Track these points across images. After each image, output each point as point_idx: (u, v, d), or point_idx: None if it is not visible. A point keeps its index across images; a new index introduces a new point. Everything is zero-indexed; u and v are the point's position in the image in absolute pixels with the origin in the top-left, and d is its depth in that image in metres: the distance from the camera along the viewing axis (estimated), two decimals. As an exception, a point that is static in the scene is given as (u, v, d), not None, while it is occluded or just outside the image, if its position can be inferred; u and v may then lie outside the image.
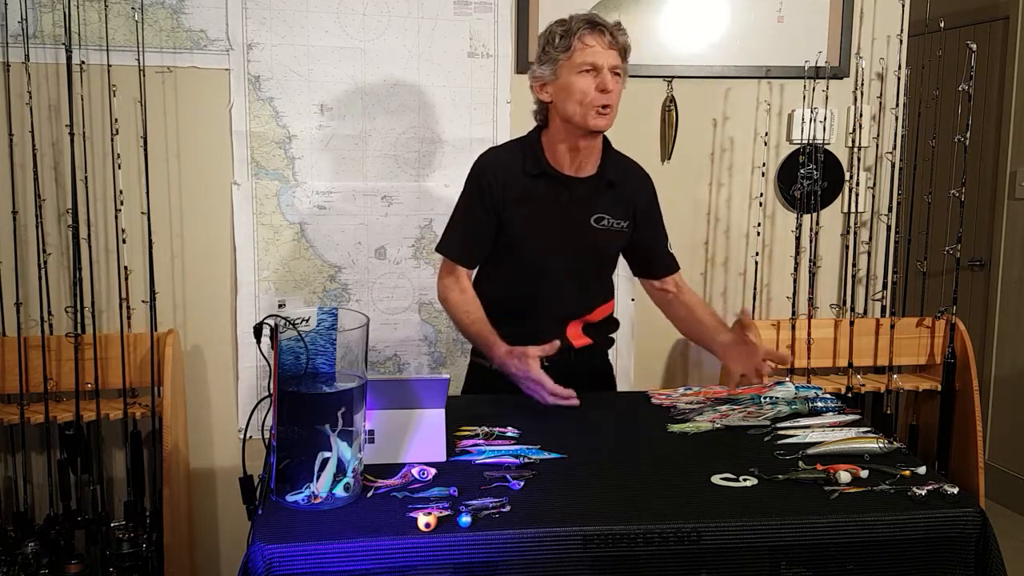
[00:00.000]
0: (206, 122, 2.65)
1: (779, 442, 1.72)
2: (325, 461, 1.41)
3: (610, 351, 2.31)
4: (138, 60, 2.50)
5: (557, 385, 1.91)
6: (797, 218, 2.88)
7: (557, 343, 1.97)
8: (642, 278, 2.28)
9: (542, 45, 2.03)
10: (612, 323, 2.26)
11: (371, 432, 1.57)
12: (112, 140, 2.52)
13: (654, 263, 2.23)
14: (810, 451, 1.66)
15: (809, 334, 2.83)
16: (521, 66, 2.75)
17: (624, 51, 2.00)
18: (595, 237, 2.10)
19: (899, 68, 2.92)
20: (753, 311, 2.92)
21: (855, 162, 2.97)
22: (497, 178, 2.05)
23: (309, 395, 1.43)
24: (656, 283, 2.25)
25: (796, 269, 2.87)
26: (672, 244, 2.26)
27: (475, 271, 2.16)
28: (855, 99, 2.92)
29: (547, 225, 2.07)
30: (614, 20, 2.03)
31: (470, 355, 2.27)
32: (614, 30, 1.98)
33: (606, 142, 2.12)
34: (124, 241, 2.53)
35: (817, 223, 2.90)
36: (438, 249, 2.15)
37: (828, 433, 1.74)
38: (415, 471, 1.53)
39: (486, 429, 1.75)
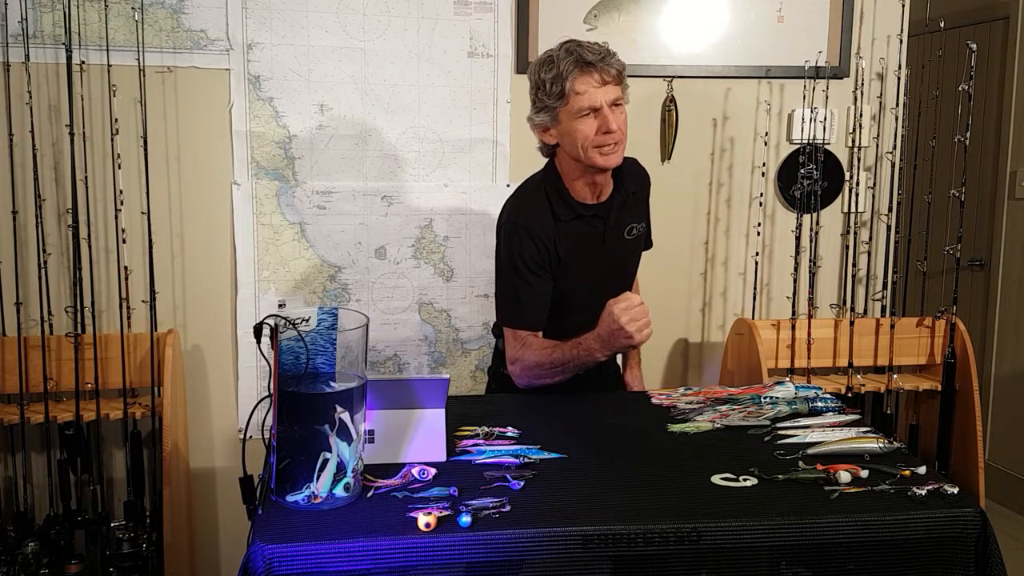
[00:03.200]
0: (206, 122, 2.65)
1: (779, 442, 1.73)
2: (325, 461, 1.41)
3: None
4: (138, 60, 2.50)
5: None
6: (797, 218, 2.88)
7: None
8: None
9: (533, 91, 1.98)
10: None
11: (371, 432, 1.57)
12: (112, 140, 2.52)
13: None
14: (810, 451, 1.66)
15: (809, 334, 2.83)
16: (521, 66, 2.75)
17: (619, 77, 1.93)
18: (630, 248, 2.12)
19: (899, 68, 2.92)
20: (753, 311, 2.92)
21: (855, 162, 2.97)
22: (546, 240, 2.00)
23: (309, 395, 1.43)
24: None
25: (796, 269, 2.87)
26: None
27: None
28: (855, 99, 2.92)
29: (593, 261, 2.05)
30: (601, 41, 1.95)
31: (496, 365, 2.23)
32: (603, 64, 1.90)
33: None
34: (124, 241, 2.53)
35: (817, 223, 2.90)
36: (509, 324, 2.06)
37: (828, 433, 1.74)
38: (415, 471, 1.53)
39: (486, 429, 1.75)
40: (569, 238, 2.03)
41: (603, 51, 1.92)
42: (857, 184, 2.96)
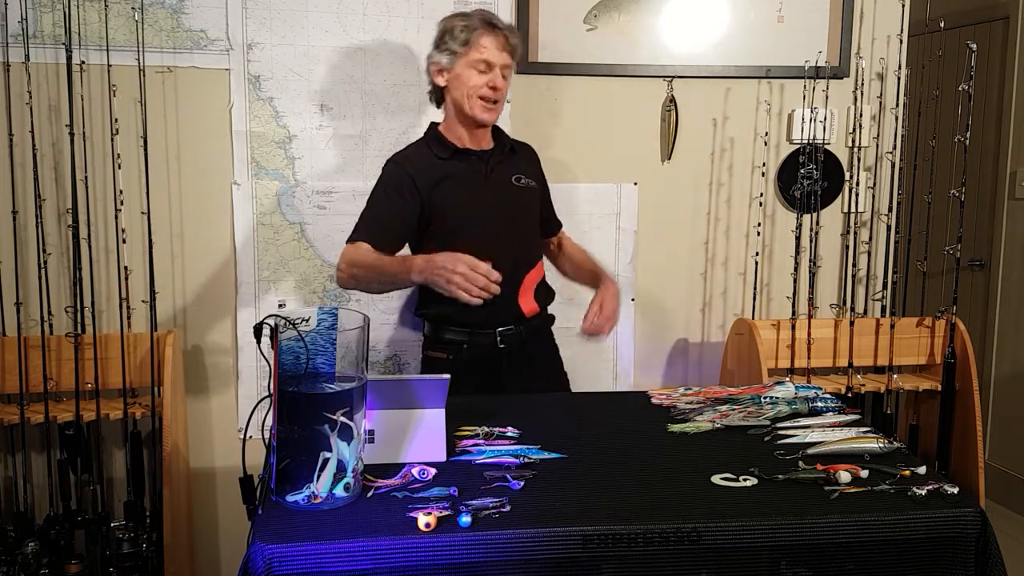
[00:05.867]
0: (206, 122, 2.65)
1: (779, 442, 1.73)
2: (325, 461, 1.41)
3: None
4: (138, 60, 2.50)
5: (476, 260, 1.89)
6: (797, 218, 2.88)
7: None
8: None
9: (440, 34, 2.21)
10: (550, 291, 2.38)
11: (371, 432, 1.57)
12: (112, 140, 2.52)
13: (542, 224, 2.42)
14: (810, 451, 1.66)
15: (809, 334, 2.83)
16: (521, 67, 2.74)
17: (514, 52, 2.20)
18: (520, 195, 2.22)
19: (899, 68, 2.92)
20: (753, 311, 2.92)
21: (855, 162, 2.97)
22: (414, 168, 2.18)
23: (309, 395, 1.43)
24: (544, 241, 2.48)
25: (796, 269, 2.87)
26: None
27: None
28: (855, 99, 2.92)
29: (475, 195, 2.17)
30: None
31: (423, 350, 2.33)
32: (509, 33, 2.18)
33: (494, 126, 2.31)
34: (124, 241, 2.53)
35: (817, 223, 2.90)
36: (351, 239, 2.13)
37: (828, 433, 1.74)
38: (415, 471, 1.53)
39: (486, 429, 1.75)
40: (448, 175, 2.19)
41: (510, 26, 2.23)
42: (857, 184, 2.96)
